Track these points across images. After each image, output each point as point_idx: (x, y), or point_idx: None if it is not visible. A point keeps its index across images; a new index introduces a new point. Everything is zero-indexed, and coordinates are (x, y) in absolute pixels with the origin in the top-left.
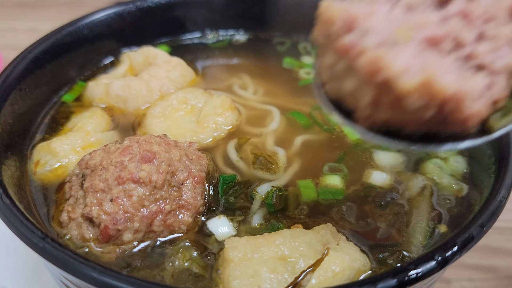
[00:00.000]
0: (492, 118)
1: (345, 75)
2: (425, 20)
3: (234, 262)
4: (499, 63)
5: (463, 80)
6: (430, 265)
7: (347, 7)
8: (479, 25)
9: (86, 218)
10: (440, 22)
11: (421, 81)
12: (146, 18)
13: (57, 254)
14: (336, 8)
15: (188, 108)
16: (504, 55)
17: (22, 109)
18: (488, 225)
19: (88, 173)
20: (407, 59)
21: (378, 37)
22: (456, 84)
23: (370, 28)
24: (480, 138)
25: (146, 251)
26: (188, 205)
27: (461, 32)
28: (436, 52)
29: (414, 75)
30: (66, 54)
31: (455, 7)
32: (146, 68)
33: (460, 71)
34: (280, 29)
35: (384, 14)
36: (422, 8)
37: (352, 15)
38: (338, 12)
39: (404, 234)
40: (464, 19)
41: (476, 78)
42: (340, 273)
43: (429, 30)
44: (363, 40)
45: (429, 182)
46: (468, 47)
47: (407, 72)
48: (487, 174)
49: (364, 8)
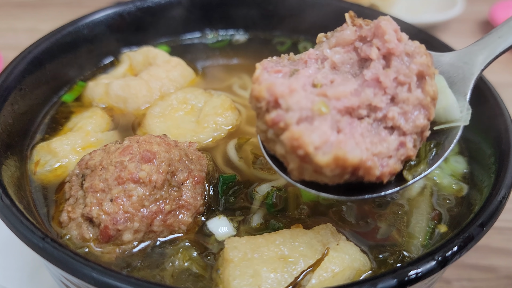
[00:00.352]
0: (405, 172)
1: (275, 141)
2: (342, 92)
3: (234, 262)
4: (409, 124)
5: (373, 146)
6: (430, 265)
7: (272, 85)
8: (392, 89)
9: (86, 218)
10: (356, 91)
11: (333, 156)
12: (146, 18)
13: (57, 254)
14: (262, 87)
15: (188, 108)
16: (413, 117)
17: (22, 109)
18: (488, 225)
19: (88, 173)
20: (322, 136)
21: (299, 113)
22: (365, 154)
23: (292, 105)
24: (399, 186)
25: (146, 251)
26: (188, 205)
27: (375, 99)
28: (352, 119)
29: (327, 152)
30: (66, 54)
31: (370, 72)
32: (146, 68)
33: (373, 135)
34: (280, 29)
35: (305, 88)
36: (345, 68)
37: (277, 94)
38: (264, 90)
39: (404, 234)
40: (379, 84)
41: (387, 141)
42: (340, 273)
43: (344, 101)
44: (286, 116)
45: (429, 182)
46: (382, 111)
47: (321, 148)
48: (487, 173)
49: (287, 86)
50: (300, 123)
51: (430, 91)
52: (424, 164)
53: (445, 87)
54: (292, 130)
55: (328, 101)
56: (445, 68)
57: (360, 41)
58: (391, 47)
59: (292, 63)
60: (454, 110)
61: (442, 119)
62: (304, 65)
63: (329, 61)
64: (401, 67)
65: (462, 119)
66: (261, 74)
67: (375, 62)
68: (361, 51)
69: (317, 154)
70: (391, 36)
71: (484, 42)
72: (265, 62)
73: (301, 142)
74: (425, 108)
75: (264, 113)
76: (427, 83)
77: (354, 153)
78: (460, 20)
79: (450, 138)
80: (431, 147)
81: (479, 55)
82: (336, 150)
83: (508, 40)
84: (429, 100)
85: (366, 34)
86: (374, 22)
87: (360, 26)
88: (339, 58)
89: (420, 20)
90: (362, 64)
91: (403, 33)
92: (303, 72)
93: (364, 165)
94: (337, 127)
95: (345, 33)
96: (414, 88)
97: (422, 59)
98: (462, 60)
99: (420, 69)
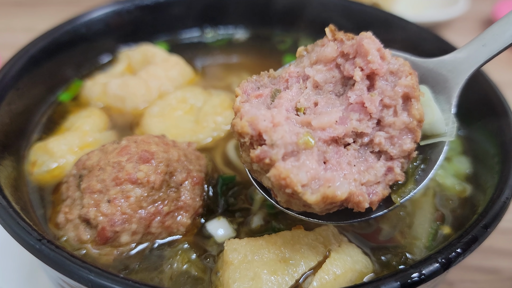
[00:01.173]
0: (393, 196)
1: (261, 173)
2: (327, 122)
3: (234, 265)
4: (396, 149)
5: (361, 175)
6: (433, 267)
7: (255, 119)
8: (378, 112)
9: (83, 220)
10: (341, 118)
11: (322, 195)
12: (144, 16)
13: (54, 256)
14: (244, 122)
15: (187, 107)
16: (400, 142)
17: (19, 108)
18: (492, 226)
19: (86, 173)
20: (310, 172)
21: (284, 148)
22: (353, 187)
23: (277, 140)
24: (387, 208)
25: (144, 253)
26: (186, 206)
27: (361, 125)
28: (338, 147)
29: (315, 190)
30: (64, 53)
31: (355, 95)
32: (145, 67)
33: (360, 162)
34: (281, 27)
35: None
36: (328, 87)
37: (260, 129)
38: (246, 126)
39: (407, 236)
40: (364, 109)
41: (375, 168)
42: (342, 276)
43: (330, 131)
44: (271, 152)
45: (432, 183)
46: (368, 136)
47: (309, 186)
48: (491, 174)
49: (270, 120)
50: (286, 159)
51: (416, 114)
52: (411, 182)
53: (430, 100)
54: (279, 168)
55: (313, 132)
56: (429, 75)
57: (342, 57)
58: (375, 67)
59: (273, 81)
60: (440, 124)
61: (427, 132)
62: (285, 84)
63: (311, 80)
64: (386, 88)
65: (448, 134)
66: (242, 106)
67: (359, 83)
68: (344, 69)
69: (305, 193)
70: (374, 57)
71: (468, 50)
72: (245, 84)
73: (288, 182)
74: (411, 132)
75: (248, 147)
76: (413, 106)
77: (343, 189)
78: (463, 19)
79: (437, 150)
80: (418, 163)
81: (464, 63)
82: (324, 189)
83: (492, 48)
84: (416, 123)
85: (348, 51)
86: (356, 38)
87: (341, 41)
88: (321, 77)
89: (423, 18)
90: (345, 82)
91: (387, 50)
92: (285, 95)
93: (353, 199)
94: (324, 157)
95: (326, 50)
96: (400, 111)
97: (407, 80)
98: (446, 68)
99: (405, 91)
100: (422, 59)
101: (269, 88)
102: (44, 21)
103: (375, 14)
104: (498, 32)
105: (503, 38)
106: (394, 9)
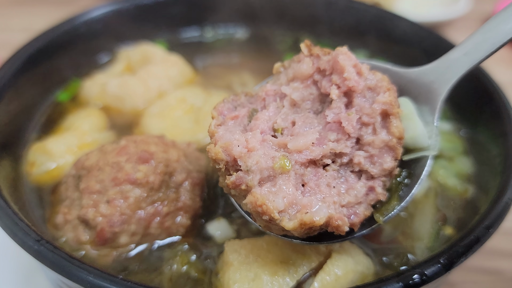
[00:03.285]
0: (376, 215)
1: (240, 199)
2: (303, 144)
3: (234, 266)
4: (376, 168)
5: (341, 197)
6: (436, 268)
7: (229, 144)
8: (356, 131)
9: (82, 220)
10: (318, 139)
11: (299, 221)
12: (143, 15)
13: (52, 257)
14: (218, 148)
15: (187, 107)
16: (381, 161)
17: (17, 108)
18: (494, 227)
19: (84, 174)
20: (286, 197)
21: (260, 174)
22: (333, 210)
23: (252, 166)
24: (370, 226)
25: (143, 254)
26: (186, 207)
27: (339, 146)
28: (316, 169)
29: (293, 217)
30: (62, 52)
31: (332, 114)
32: (144, 66)
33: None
34: (281, 26)
35: (265, 139)
36: (305, 105)
37: (234, 155)
38: (220, 152)
39: (409, 237)
40: (342, 128)
41: (355, 188)
42: (343, 276)
43: (307, 153)
44: (247, 178)
45: (434, 183)
46: (347, 156)
47: (287, 212)
48: (493, 174)
49: (244, 145)
50: (263, 184)
51: (395, 132)
52: (395, 199)
53: (413, 113)
54: (255, 195)
55: (290, 155)
56: (411, 86)
57: (319, 73)
58: (351, 85)
59: (250, 100)
60: (423, 138)
61: (410, 146)
62: (262, 103)
63: (288, 98)
64: (364, 106)
65: (431, 147)
66: (216, 130)
67: (336, 101)
68: (321, 86)
69: (282, 220)
70: (350, 74)
71: (449, 59)
72: (220, 105)
73: (265, 209)
74: (392, 150)
75: (224, 173)
76: (392, 123)
77: (321, 214)
78: (465, 18)
79: (420, 165)
80: (402, 179)
81: (446, 73)
82: (301, 215)
83: (474, 58)
84: (395, 141)
85: (324, 67)
86: (332, 54)
87: (317, 56)
88: (298, 96)
89: (425, 17)
90: (323, 98)
91: (364, 64)
92: (261, 116)
93: (332, 223)
94: (302, 180)
95: (302, 67)
96: (379, 129)
97: (385, 97)
98: (428, 78)
99: (383, 108)
100: (403, 69)
101: (246, 108)
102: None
103: (376, 13)
104: (480, 41)
105: (484, 47)
106: (396, 9)
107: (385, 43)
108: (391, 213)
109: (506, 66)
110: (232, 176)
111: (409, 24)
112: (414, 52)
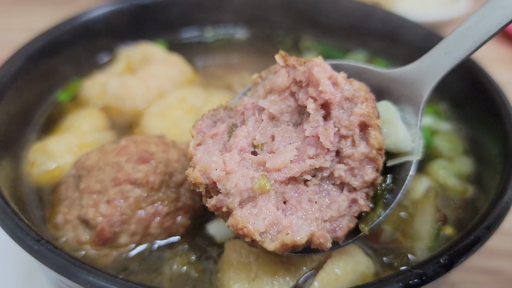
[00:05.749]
0: (361, 225)
1: (224, 219)
2: (282, 163)
3: (234, 266)
4: (358, 180)
5: (323, 212)
6: (436, 269)
7: (207, 168)
8: (335, 144)
9: (82, 220)
10: (297, 156)
11: (280, 242)
12: (143, 15)
13: (52, 257)
14: (196, 173)
15: (187, 107)
16: (361, 173)
17: (17, 108)
18: (494, 227)
19: (84, 174)
20: (267, 218)
21: (239, 196)
22: (315, 227)
23: (231, 189)
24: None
25: (143, 254)
26: (186, 207)
27: (318, 161)
28: (297, 185)
29: (274, 238)
30: (62, 52)
31: (310, 127)
32: (144, 66)
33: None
34: (281, 26)
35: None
36: (284, 118)
37: (213, 178)
38: (199, 177)
39: (409, 237)
40: (320, 142)
41: (337, 202)
42: (343, 276)
43: (286, 171)
44: (227, 201)
45: (434, 183)
46: (327, 170)
47: (268, 233)
48: (493, 174)
49: (222, 168)
50: (244, 205)
51: (375, 144)
52: (380, 206)
53: (395, 117)
54: (236, 217)
55: (269, 174)
56: (394, 87)
57: (295, 84)
58: (327, 98)
59: (230, 113)
60: (406, 143)
61: (393, 151)
62: (241, 117)
63: (266, 112)
64: (342, 117)
65: (414, 152)
66: (195, 152)
67: (313, 114)
68: (298, 98)
69: (264, 241)
70: (325, 86)
71: (431, 59)
72: (199, 123)
73: (246, 232)
74: (372, 161)
75: (206, 196)
76: (371, 135)
77: (302, 233)
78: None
79: (405, 169)
80: (387, 185)
81: (427, 73)
82: (283, 236)
83: (455, 57)
84: (375, 152)
85: (300, 78)
86: (307, 65)
87: (293, 67)
88: (276, 109)
89: (425, 17)
90: (302, 110)
91: (340, 74)
92: (240, 133)
93: (315, 241)
94: (283, 197)
95: (278, 80)
96: (358, 141)
97: (362, 109)
98: (410, 78)
99: (361, 120)
100: (385, 70)
101: (226, 123)
102: (43, 20)
103: (376, 13)
104: (460, 38)
105: (466, 45)
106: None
107: (385, 43)
108: (376, 221)
109: (506, 66)
110: (212, 199)
111: (409, 24)
112: (414, 52)
